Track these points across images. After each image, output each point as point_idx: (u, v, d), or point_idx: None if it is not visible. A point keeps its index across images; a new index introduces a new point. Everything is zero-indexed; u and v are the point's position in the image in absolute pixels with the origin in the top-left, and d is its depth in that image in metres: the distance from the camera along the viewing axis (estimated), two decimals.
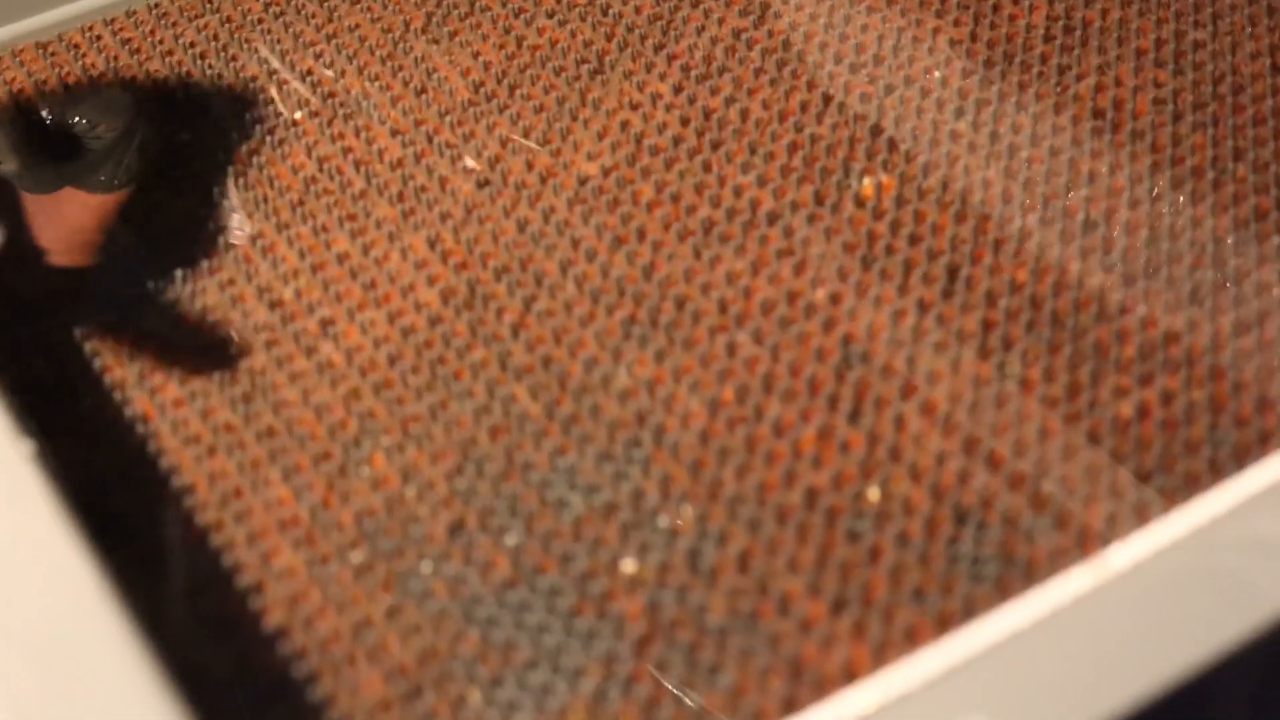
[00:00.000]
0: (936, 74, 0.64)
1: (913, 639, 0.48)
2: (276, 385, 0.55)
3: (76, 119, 0.63)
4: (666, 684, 0.47)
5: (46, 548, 0.44)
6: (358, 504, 0.51)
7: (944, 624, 0.48)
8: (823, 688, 0.47)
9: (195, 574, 0.50)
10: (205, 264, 0.59)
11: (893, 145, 0.62)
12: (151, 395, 0.55)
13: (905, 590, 0.49)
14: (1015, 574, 0.49)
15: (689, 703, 0.46)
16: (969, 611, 0.48)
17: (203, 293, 0.58)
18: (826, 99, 0.64)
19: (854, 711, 0.44)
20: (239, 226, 0.60)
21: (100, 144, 0.63)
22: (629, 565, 0.50)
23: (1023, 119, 0.62)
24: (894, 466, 0.51)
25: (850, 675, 0.47)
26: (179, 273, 0.59)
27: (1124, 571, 0.45)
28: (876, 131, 0.62)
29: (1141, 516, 0.49)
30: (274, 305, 0.57)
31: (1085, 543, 0.49)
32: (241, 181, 0.62)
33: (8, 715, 0.41)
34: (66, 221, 0.62)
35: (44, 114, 0.63)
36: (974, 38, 0.66)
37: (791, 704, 0.46)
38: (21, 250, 0.61)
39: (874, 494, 0.51)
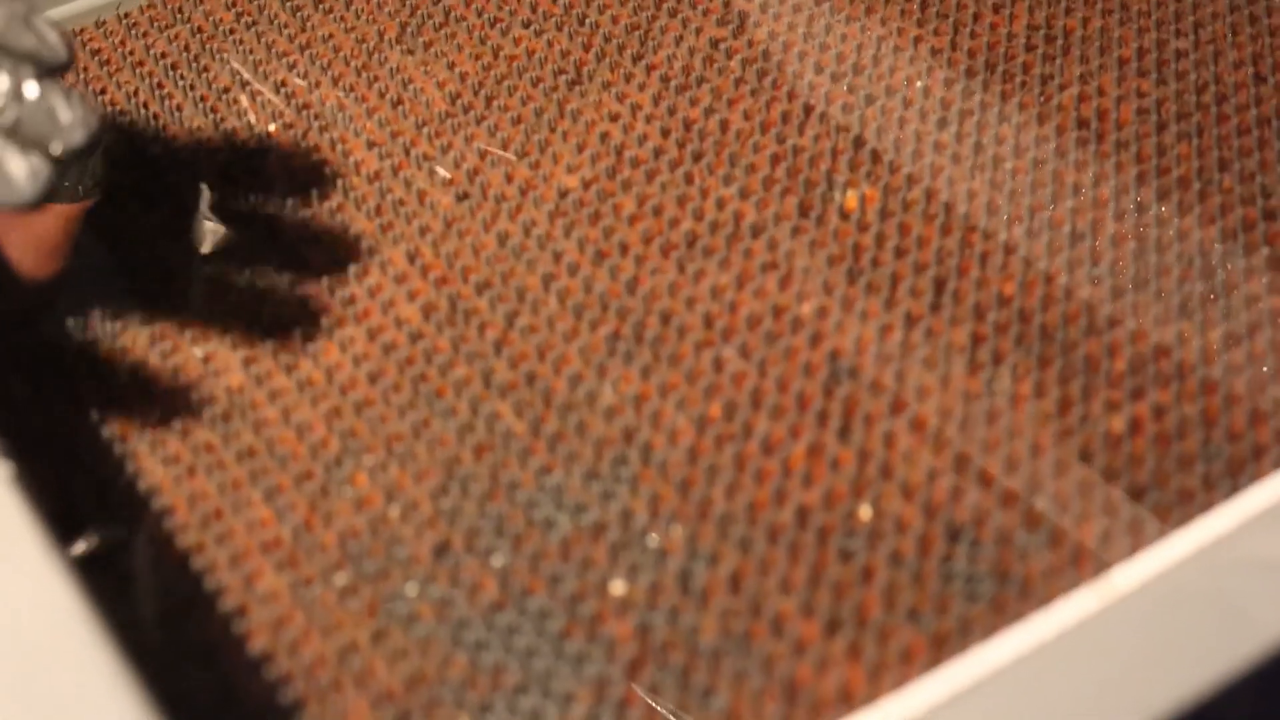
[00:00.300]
0: (918, 84, 0.64)
1: (909, 660, 0.47)
2: (255, 404, 0.54)
3: (50, 134, 0.61)
4: (659, 708, 0.46)
5: (26, 574, 0.43)
6: (341, 525, 0.50)
7: (940, 644, 0.47)
8: (818, 711, 0.46)
9: (177, 598, 0.49)
10: (179, 279, 0.58)
11: (876, 156, 0.61)
12: (129, 414, 0.54)
13: (900, 610, 0.48)
14: (1010, 592, 0.48)
15: None
16: (965, 631, 0.47)
17: (178, 308, 0.57)
18: (807, 109, 0.63)
19: None
20: (213, 240, 0.59)
21: (70, 154, 0.62)
22: (618, 586, 0.49)
23: (1006, 129, 0.62)
24: (885, 484, 0.51)
25: (846, 698, 0.46)
26: (153, 288, 0.58)
27: (1127, 594, 0.45)
28: (859, 142, 0.62)
29: (1136, 533, 0.48)
30: (252, 322, 0.56)
31: (1080, 561, 0.48)
32: (215, 195, 0.61)
33: None
34: (33, 233, 0.61)
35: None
36: (954, 46, 0.65)
37: None
38: (18, 270, 0.60)
39: (865, 512, 0.50)
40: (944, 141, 0.61)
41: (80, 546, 0.48)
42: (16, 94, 0.45)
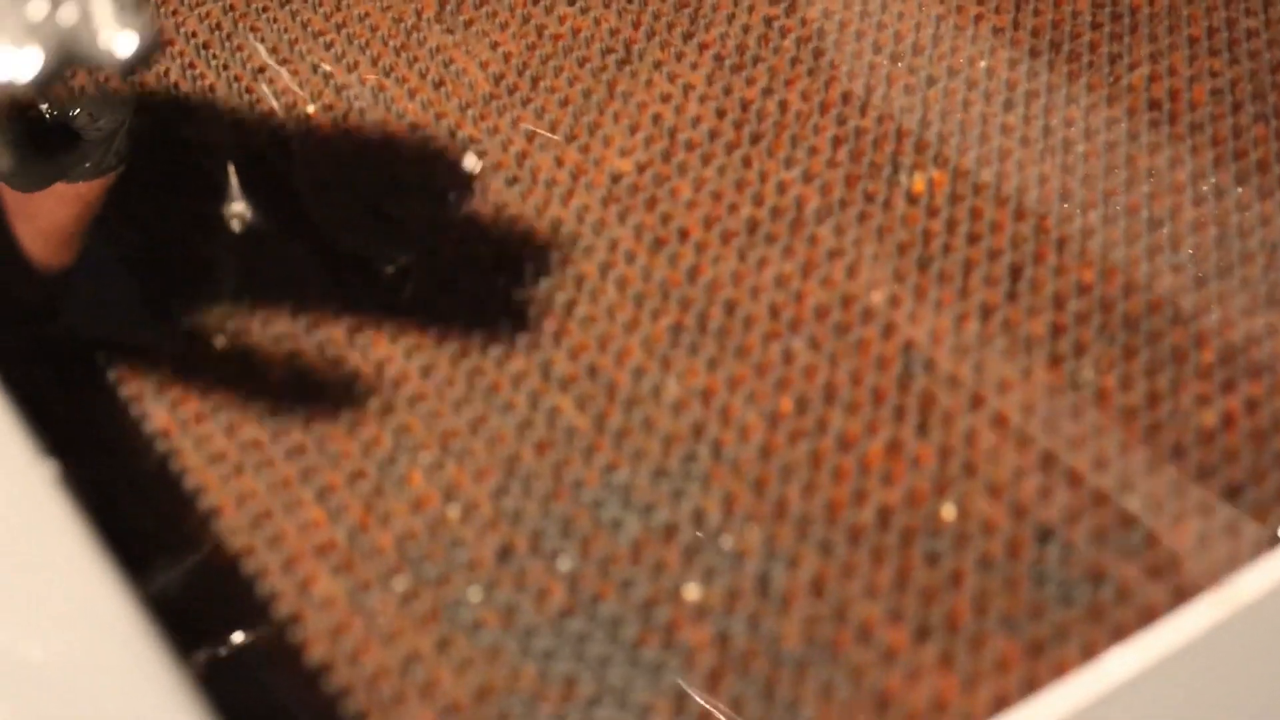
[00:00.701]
0: (981, 64, 0.61)
1: (1004, 669, 0.44)
2: (303, 399, 0.51)
3: (77, 112, 0.59)
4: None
5: (78, 580, 0.40)
6: (398, 527, 0.48)
7: (1035, 652, 0.45)
8: None
9: (229, 605, 0.46)
10: (216, 267, 0.55)
11: (941, 139, 0.58)
12: (172, 409, 0.51)
13: (992, 616, 0.45)
14: (1106, 597, 0.46)
15: None
16: (1061, 638, 0.45)
17: (216, 298, 0.54)
18: (868, 90, 0.60)
19: None
20: (242, 224, 0.56)
21: (100, 136, 0.60)
22: (693, 591, 0.46)
23: (1074, 111, 0.59)
24: (969, 483, 0.48)
25: (940, 710, 0.44)
26: (189, 277, 0.55)
27: (1248, 603, 0.42)
28: (923, 124, 0.59)
29: (1234, 535, 0.46)
30: (295, 313, 0.54)
31: (1176, 563, 0.46)
32: (251, 179, 0.58)
33: None
34: (57, 216, 0.59)
35: (44, 110, 0.59)
36: (1018, 25, 0.63)
37: None
38: (13, 252, 0.57)
39: (949, 512, 0.48)
40: (1011, 124, 0.59)
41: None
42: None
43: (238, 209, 0.56)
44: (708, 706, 0.43)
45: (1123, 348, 0.52)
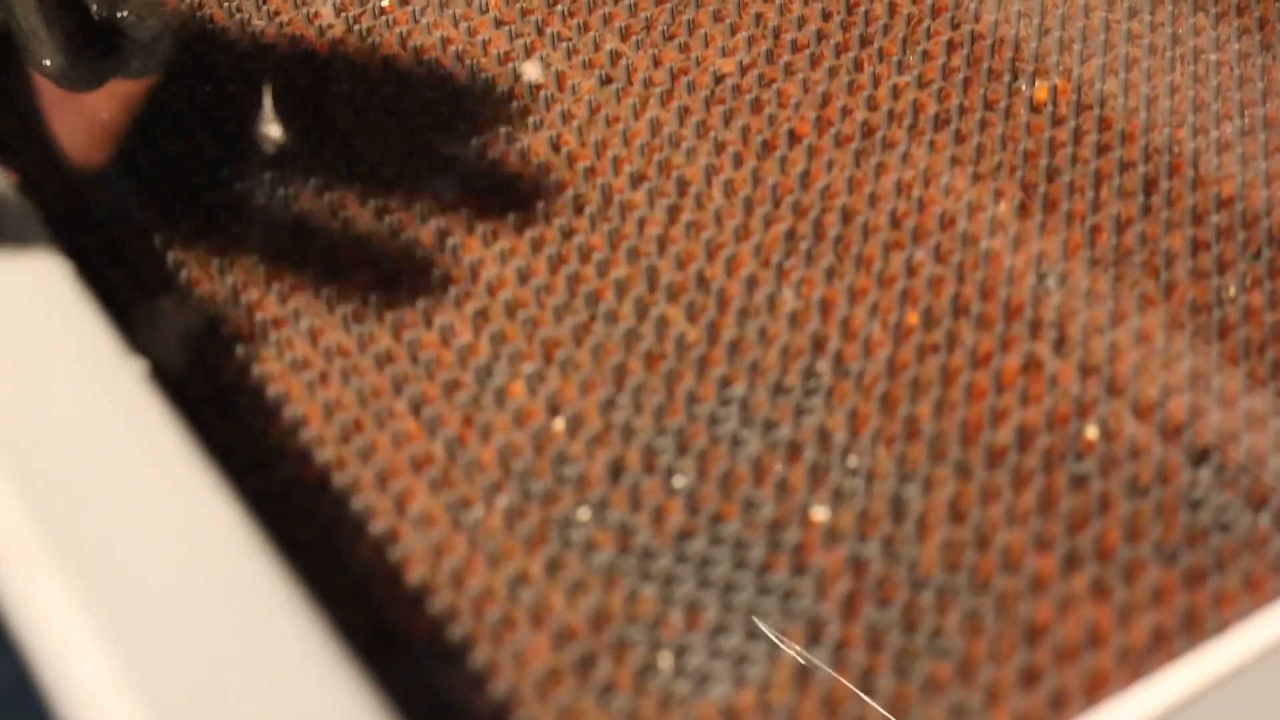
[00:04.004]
0: None
1: (1161, 600, 0.41)
2: (391, 303, 0.48)
3: (124, 13, 0.55)
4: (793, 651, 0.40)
5: (180, 486, 0.37)
6: (499, 440, 0.44)
7: (1194, 582, 0.41)
8: (1065, 658, 0.40)
9: (319, 519, 0.43)
10: (297, 163, 0.51)
11: (1063, 46, 0.55)
12: (249, 313, 0.47)
13: (1146, 543, 0.42)
14: (1266, 523, 0.42)
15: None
16: (1220, 567, 0.42)
17: (295, 199, 0.51)
18: None
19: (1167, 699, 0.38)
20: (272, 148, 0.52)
21: (147, 36, 0.56)
22: (821, 513, 0.43)
23: (1203, 20, 0.56)
24: (1113, 402, 0.45)
25: (1096, 643, 0.40)
26: (269, 174, 0.51)
27: None
28: (1042, 31, 0.55)
29: None
30: (380, 213, 0.50)
31: None
32: (330, 75, 0.54)
33: (165, 671, 0.34)
34: (88, 113, 0.55)
35: (92, 8, 0.55)
36: None
37: (1032, 675, 0.39)
38: (73, 154, 0.53)
39: (1092, 433, 0.44)
40: (1136, 31, 0.55)
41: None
42: None
43: (277, 132, 0.52)
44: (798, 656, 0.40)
45: (1269, 265, 0.48)
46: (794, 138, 0.52)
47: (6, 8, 0.51)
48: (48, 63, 0.53)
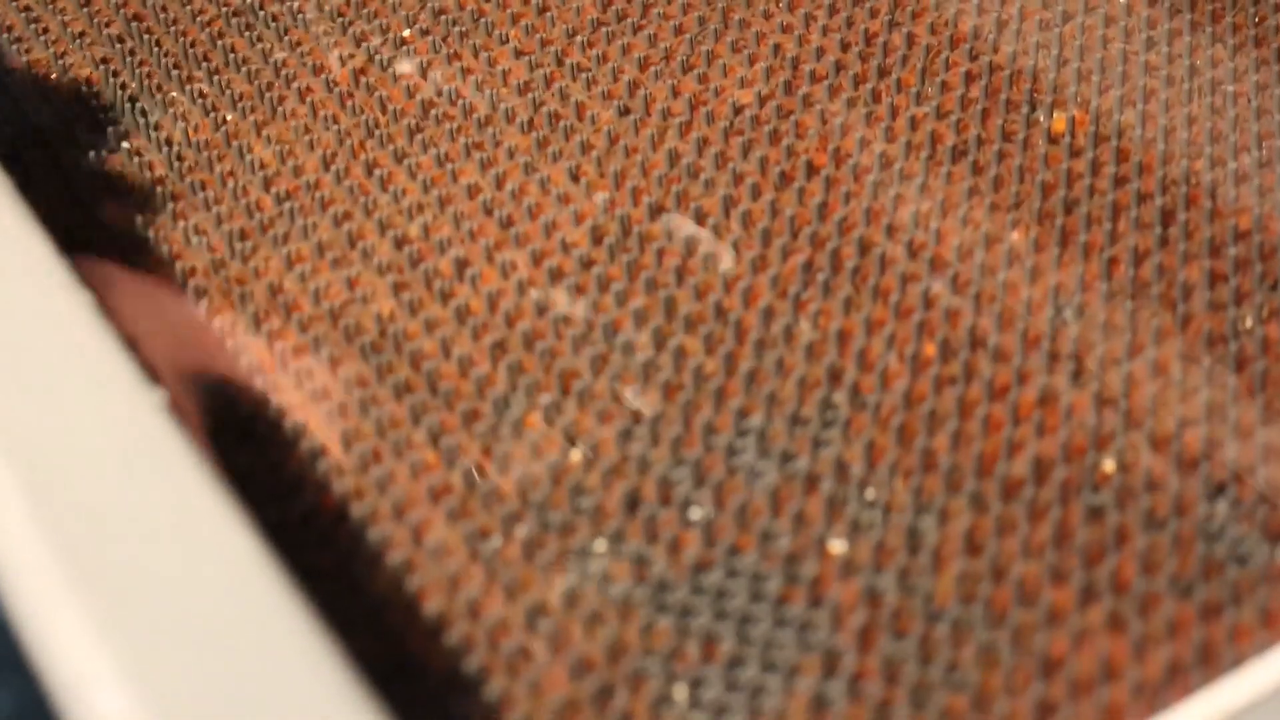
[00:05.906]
0: (1119, 0, 0.58)
1: (1177, 634, 0.41)
2: (409, 334, 0.48)
3: None
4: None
5: (199, 517, 0.37)
6: (518, 471, 0.44)
7: (1210, 615, 0.41)
8: (1081, 690, 0.40)
9: (336, 550, 0.43)
10: (315, 195, 0.52)
11: (1081, 77, 0.55)
12: (269, 342, 0.48)
13: (1161, 577, 0.42)
14: None
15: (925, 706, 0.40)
16: (1236, 600, 0.42)
17: (314, 228, 0.51)
18: (999, 25, 0.57)
19: None
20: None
21: None
22: (838, 545, 0.43)
23: (1220, 51, 0.56)
24: (1130, 434, 0.45)
25: (1111, 675, 0.40)
26: (286, 206, 0.52)
27: None
28: (1060, 62, 0.55)
29: None
30: (399, 243, 0.50)
31: None
32: (349, 104, 0.55)
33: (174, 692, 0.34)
34: None
35: None
36: None
37: (1047, 708, 0.40)
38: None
39: (1109, 465, 0.44)
40: (1154, 62, 0.55)
41: None
42: None
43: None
44: None
45: None
46: (812, 169, 0.52)
47: None
48: None
